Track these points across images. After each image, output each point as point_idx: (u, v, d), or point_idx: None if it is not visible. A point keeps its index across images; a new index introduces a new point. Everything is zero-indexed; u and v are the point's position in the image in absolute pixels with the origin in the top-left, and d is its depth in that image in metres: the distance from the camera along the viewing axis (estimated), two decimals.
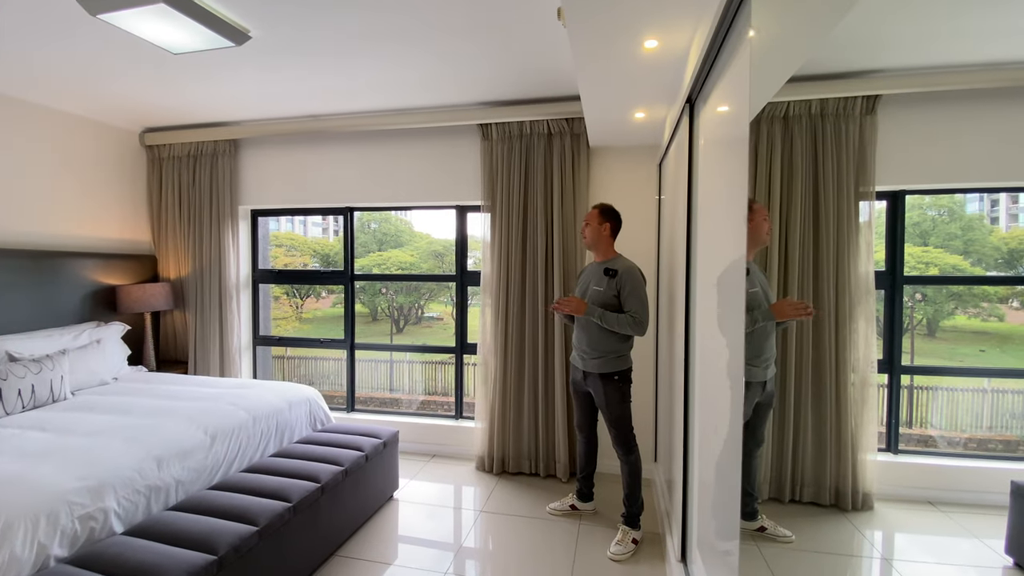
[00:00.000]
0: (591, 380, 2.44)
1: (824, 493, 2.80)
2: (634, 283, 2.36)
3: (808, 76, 2.70)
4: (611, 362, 2.39)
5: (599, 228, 2.45)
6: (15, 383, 2.41)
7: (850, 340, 2.77)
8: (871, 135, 2.76)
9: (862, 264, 2.76)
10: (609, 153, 3.19)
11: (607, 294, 2.38)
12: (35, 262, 3.11)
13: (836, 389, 2.79)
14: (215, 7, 2.07)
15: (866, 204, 2.77)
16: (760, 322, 2.05)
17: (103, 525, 1.73)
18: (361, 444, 2.59)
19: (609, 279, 2.38)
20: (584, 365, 2.45)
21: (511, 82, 2.82)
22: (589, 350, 2.42)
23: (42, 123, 3.23)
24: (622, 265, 2.41)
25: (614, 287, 2.37)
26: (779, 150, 2.75)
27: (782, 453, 2.82)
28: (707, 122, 1.78)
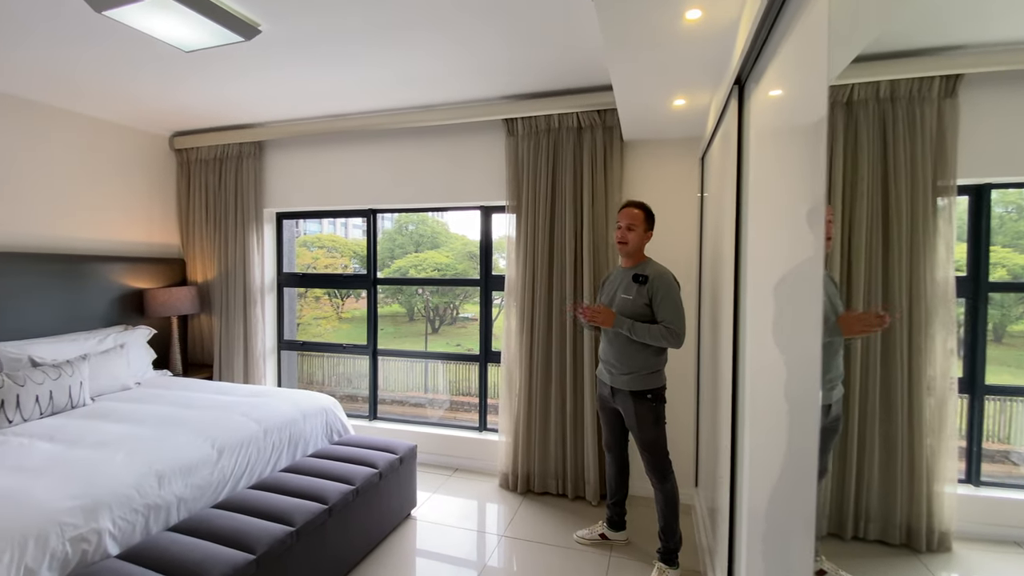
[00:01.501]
0: (620, 398, 2.21)
1: (893, 530, 2.44)
2: (668, 289, 2.12)
3: (876, 55, 2.36)
4: (643, 379, 2.15)
5: (644, 234, 2.20)
6: (33, 389, 2.38)
7: (925, 355, 2.41)
8: (951, 121, 2.40)
9: (940, 268, 2.40)
10: (645, 147, 2.93)
11: (637, 303, 2.14)
12: (65, 266, 3.13)
13: (908, 411, 2.43)
14: (223, 0, 1.95)
15: (945, 200, 2.41)
16: (825, 337, 1.75)
17: (96, 547, 1.63)
18: (376, 460, 2.44)
19: (639, 286, 2.15)
20: (612, 381, 2.22)
21: (537, 72, 2.61)
22: (618, 364, 2.19)
23: (74, 128, 3.26)
24: (654, 270, 2.17)
25: (645, 294, 2.13)
26: (841, 140, 2.42)
27: (844, 483, 2.49)
28: (761, 106, 1.52)
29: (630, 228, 2.17)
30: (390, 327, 6.70)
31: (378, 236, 3.73)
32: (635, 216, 2.18)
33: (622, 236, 2.18)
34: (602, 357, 2.30)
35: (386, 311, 6.65)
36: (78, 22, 2.10)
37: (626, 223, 2.18)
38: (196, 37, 2.18)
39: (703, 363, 2.65)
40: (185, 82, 2.79)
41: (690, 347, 2.87)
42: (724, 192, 1.93)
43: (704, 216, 2.73)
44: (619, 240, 2.19)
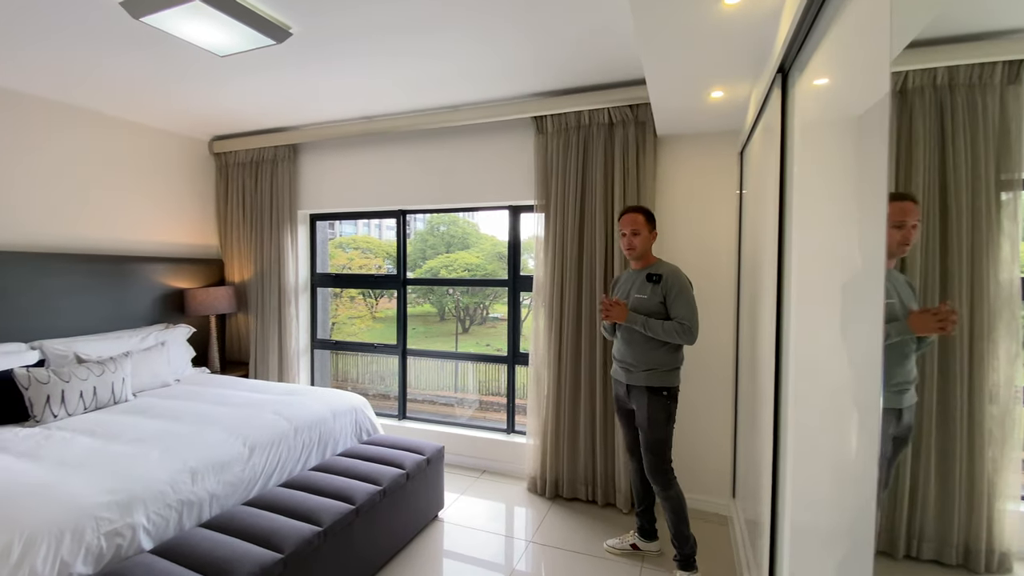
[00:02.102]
0: (635, 395, 2.20)
1: (949, 550, 2.26)
2: (681, 287, 2.14)
3: (932, 39, 2.20)
4: (661, 376, 2.15)
5: (648, 236, 2.21)
6: (77, 385, 2.48)
7: (988, 362, 2.22)
8: (1015, 110, 2.20)
9: (1004, 269, 2.20)
10: (680, 142, 2.83)
11: (652, 301, 2.15)
12: (111, 266, 3.26)
13: (968, 422, 2.25)
14: (252, 2, 1.98)
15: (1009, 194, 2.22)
16: (893, 337, 1.62)
17: (131, 542, 1.67)
18: (403, 461, 2.43)
19: (654, 285, 2.16)
20: (628, 378, 2.22)
21: (567, 68, 2.55)
22: (635, 362, 2.19)
23: (119, 134, 3.39)
24: (666, 269, 2.19)
25: (659, 293, 2.15)
26: (894, 131, 2.26)
27: (896, 498, 2.31)
28: (806, 96, 1.42)
29: (635, 233, 2.19)
30: (421, 327, 6.75)
31: (408, 237, 3.73)
32: (637, 221, 2.19)
33: (629, 243, 2.21)
34: (617, 356, 2.29)
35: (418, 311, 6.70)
36: (121, 31, 2.17)
37: (630, 229, 2.20)
38: (230, 41, 2.22)
39: (742, 367, 2.54)
40: (222, 87, 2.86)
41: (727, 350, 2.75)
42: (765, 188, 1.82)
43: (743, 213, 2.61)
44: (627, 248, 2.22)
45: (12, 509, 1.54)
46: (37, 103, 2.96)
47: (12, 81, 2.75)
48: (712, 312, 2.77)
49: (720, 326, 2.76)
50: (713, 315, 2.77)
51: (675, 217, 2.84)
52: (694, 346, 2.78)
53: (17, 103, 2.87)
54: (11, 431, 2.20)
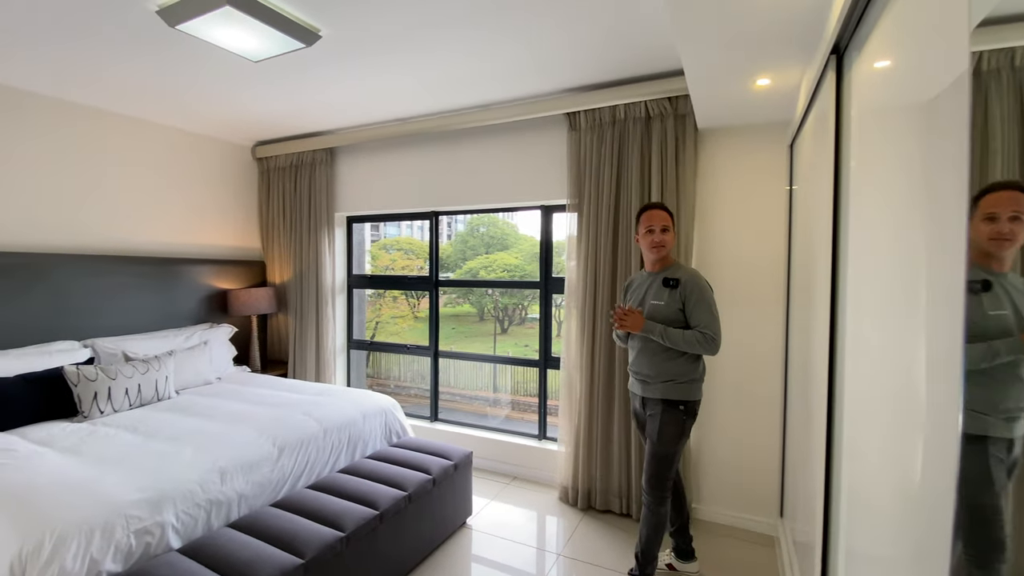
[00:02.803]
0: (650, 407, 2.07)
1: None
2: (701, 292, 1.99)
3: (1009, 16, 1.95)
4: (679, 388, 2.01)
5: (675, 235, 2.13)
6: (123, 382, 2.58)
7: None
8: None
9: None
10: (722, 135, 2.65)
11: (670, 308, 2.02)
12: (159, 268, 3.40)
13: None
14: (281, 6, 1.98)
15: None
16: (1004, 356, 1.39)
17: (159, 540, 1.69)
18: (430, 466, 2.39)
19: (671, 290, 2.02)
20: (644, 391, 2.08)
21: (601, 61, 2.44)
22: (652, 374, 2.05)
23: (167, 141, 3.54)
24: (685, 273, 2.05)
25: (677, 299, 2.01)
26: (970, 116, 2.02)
27: None
28: (865, 79, 1.26)
29: (665, 230, 2.06)
30: (462, 326, 6.79)
31: (449, 238, 3.71)
32: (667, 218, 2.07)
33: (660, 240, 2.05)
34: (633, 368, 2.15)
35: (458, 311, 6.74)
36: (161, 40, 2.23)
37: (660, 225, 2.05)
38: (261, 46, 2.24)
39: (791, 378, 2.34)
40: (259, 93, 2.92)
41: (775, 360, 2.55)
42: (819, 183, 1.65)
43: (793, 211, 2.42)
44: (657, 245, 2.06)
45: (46, 506, 1.58)
46: (90, 112, 3.12)
47: (65, 92, 2.90)
48: (759, 319, 2.58)
49: (767, 334, 2.56)
50: (760, 322, 2.58)
51: (718, 216, 2.67)
52: (739, 355, 2.61)
53: (69, 112, 3.03)
54: (59, 426, 2.30)
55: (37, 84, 2.76)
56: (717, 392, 2.67)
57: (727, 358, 2.62)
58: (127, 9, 1.99)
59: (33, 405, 2.35)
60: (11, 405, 2.26)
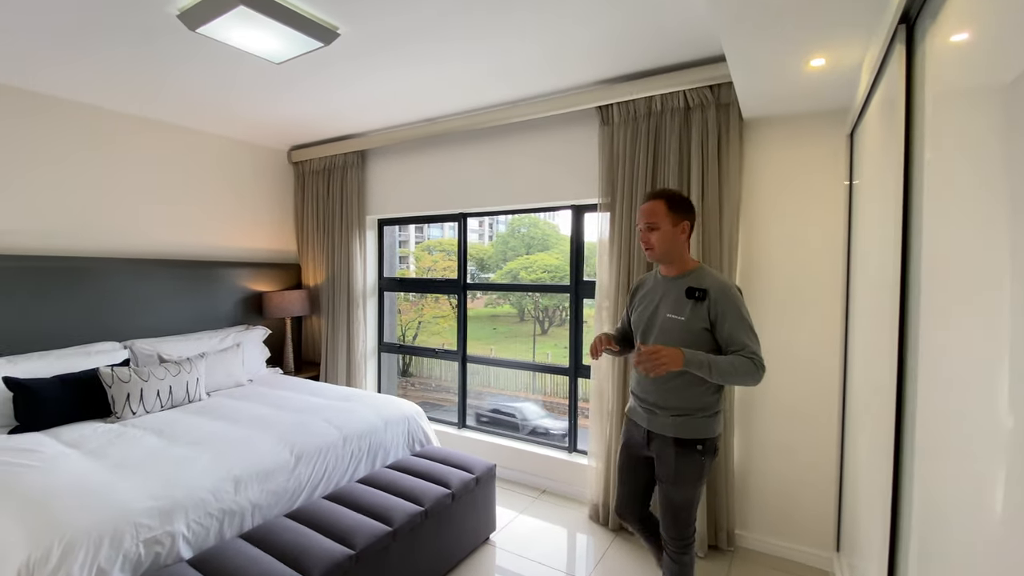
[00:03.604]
0: (658, 444, 1.68)
1: None
2: (738, 308, 1.59)
3: None
4: (697, 424, 1.63)
5: (673, 230, 1.64)
6: (155, 384, 2.62)
7: None
8: None
9: None
10: (771, 126, 2.41)
11: (693, 326, 1.60)
12: (197, 271, 3.48)
13: None
14: (296, 4, 1.93)
15: None
16: None
17: (169, 550, 1.67)
18: (450, 479, 2.28)
19: (695, 303, 1.61)
20: (651, 423, 1.70)
21: (635, 49, 2.26)
22: (663, 404, 1.66)
23: (205, 147, 3.62)
24: (713, 281, 1.62)
25: (703, 315, 1.59)
26: None
27: None
28: (943, 53, 1.04)
29: (650, 228, 1.65)
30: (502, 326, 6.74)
31: (482, 239, 3.62)
32: (655, 211, 1.64)
33: (645, 240, 1.68)
34: (636, 392, 1.77)
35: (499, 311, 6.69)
36: (185, 45, 2.24)
37: (645, 222, 1.66)
38: (281, 47, 2.21)
39: (852, 394, 2.08)
40: (288, 96, 2.91)
41: (831, 376, 2.29)
42: (885, 177, 1.43)
43: (854, 208, 2.15)
44: (644, 247, 1.70)
45: (58, 511, 1.58)
46: (131, 120, 3.22)
47: (106, 100, 3.00)
48: (812, 328, 2.32)
49: (823, 345, 2.30)
50: (814, 332, 2.32)
51: (766, 215, 2.43)
52: (791, 368, 2.36)
53: (111, 121, 3.14)
54: (91, 427, 2.36)
55: (79, 93, 2.86)
56: (766, 407, 2.43)
57: (777, 371, 2.38)
58: (151, 15, 2.00)
59: (69, 406, 2.41)
60: (46, 406, 2.33)
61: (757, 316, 2.42)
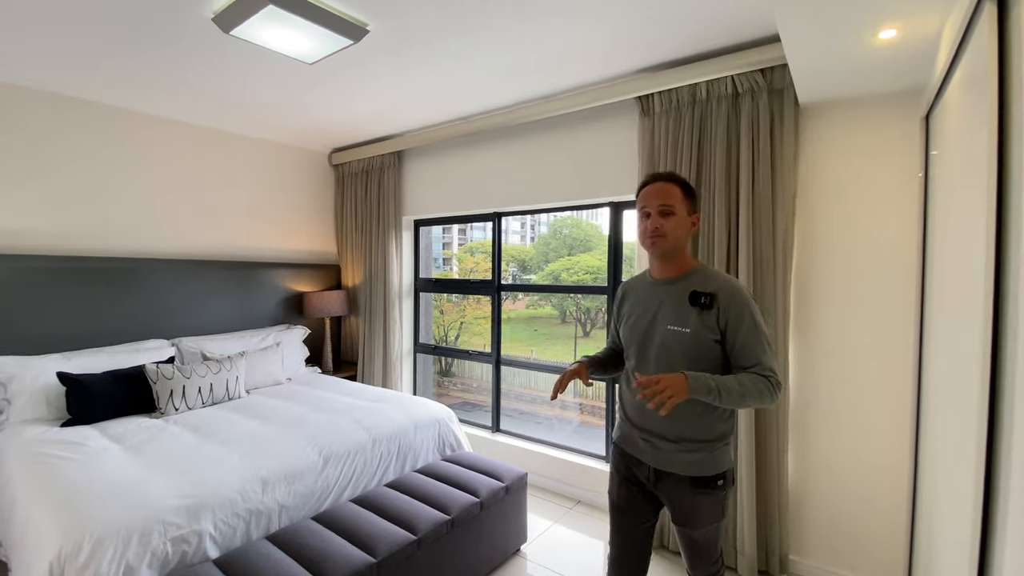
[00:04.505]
0: (670, 486, 1.43)
1: None
2: (752, 315, 1.34)
3: None
4: (718, 457, 1.40)
5: (688, 222, 1.41)
6: (197, 381, 2.69)
7: None
8: None
9: None
10: (831, 110, 2.18)
11: (701, 339, 1.34)
12: (242, 271, 3.58)
13: None
14: (323, 1, 1.91)
15: None
16: None
17: (196, 549, 1.67)
18: (479, 487, 2.20)
19: (701, 311, 1.35)
20: (657, 459, 1.43)
21: (677, 33, 2.11)
22: (671, 437, 1.40)
23: (251, 152, 3.73)
24: (722, 283, 1.37)
25: (713, 323, 1.33)
26: None
27: None
28: None
29: (665, 212, 1.37)
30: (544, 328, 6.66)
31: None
32: (671, 193, 1.38)
33: (656, 227, 1.37)
34: (632, 418, 1.50)
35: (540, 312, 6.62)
36: (233, 53, 2.28)
37: (658, 204, 1.37)
38: (312, 46, 2.20)
39: (928, 406, 1.84)
40: (323, 98, 2.93)
41: (904, 388, 2.04)
42: (972, 166, 1.22)
43: (930, 200, 1.91)
44: (652, 234, 1.38)
45: (92, 506, 1.61)
46: (177, 127, 3.34)
47: (154, 107, 3.12)
48: (880, 333, 2.08)
49: (892, 351, 2.06)
50: (881, 337, 2.08)
51: (825, 210, 2.20)
52: (855, 374, 2.13)
53: (159, 128, 3.26)
54: (136, 421, 2.44)
55: (126, 100, 2.98)
56: (825, 419, 2.21)
57: (838, 380, 2.16)
58: (187, 19, 2.04)
59: (117, 401, 2.51)
60: (96, 401, 2.43)
61: (814, 321, 2.21)
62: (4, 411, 2.33)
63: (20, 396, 2.36)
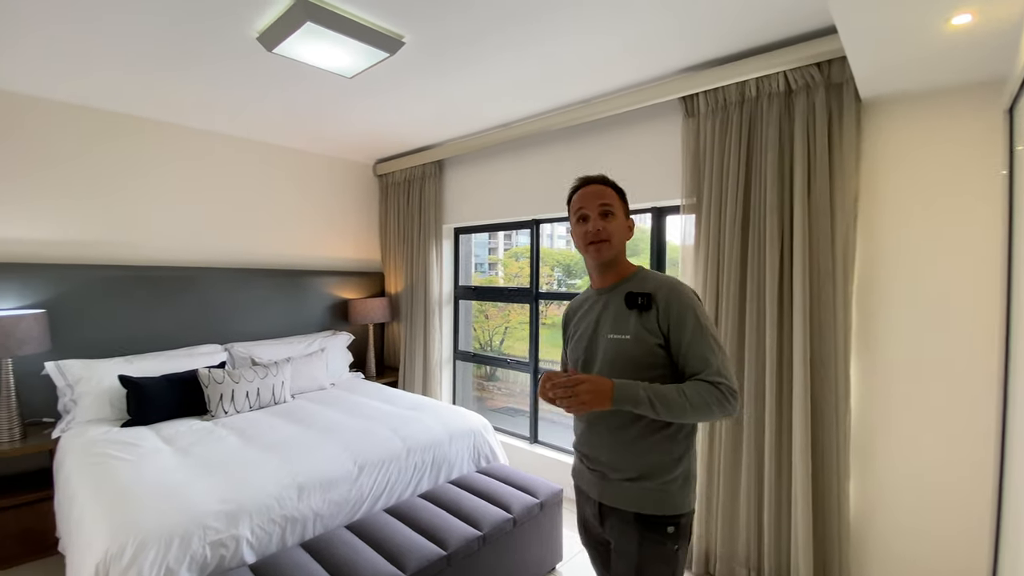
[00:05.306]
0: (615, 525, 1.24)
1: None
2: (694, 310, 1.19)
3: None
4: (669, 494, 1.19)
5: (625, 223, 1.31)
6: (245, 386, 2.80)
7: None
8: None
9: None
10: (898, 105, 1.99)
11: (642, 344, 1.19)
12: (291, 279, 3.71)
13: None
14: (358, 15, 1.94)
15: None
16: None
17: (234, 554, 1.71)
18: (512, 502, 2.15)
19: (640, 314, 1.21)
20: (603, 492, 1.26)
21: (725, 28, 1.99)
22: (616, 464, 1.23)
23: (300, 164, 3.87)
24: (656, 283, 1.24)
25: (653, 326, 1.19)
26: None
27: None
28: None
29: (606, 214, 1.26)
30: None
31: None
32: (608, 194, 1.28)
33: (599, 229, 1.25)
34: (581, 447, 1.34)
35: None
36: (280, 71, 2.36)
37: (598, 204, 1.26)
38: (350, 60, 2.24)
39: (1012, 436, 1.63)
40: (365, 111, 2.99)
41: (986, 402, 1.82)
42: None
43: (1016, 199, 1.69)
44: (593, 239, 1.26)
45: (137, 510, 1.68)
46: (232, 141, 3.51)
47: (208, 123, 3.29)
48: (957, 350, 1.87)
49: (971, 371, 1.84)
50: (958, 354, 1.87)
51: (891, 214, 2.01)
52: (930, 392, 1.93)
53: (216, 142, 3.44)
54: (188, 423, 2.55)
55: (183, 117, 3.15)
56: (892, 437, 2.01)
57: (907, 396, 1.95)
58: (235, 39, 2.12)
59: (173, 403, 2.64)
60: (153, 403, 2.57)
61: (879, 336, 2.02)
62: (71, 411, 2.50)
63: (86, 397, 2.53)
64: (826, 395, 2.05)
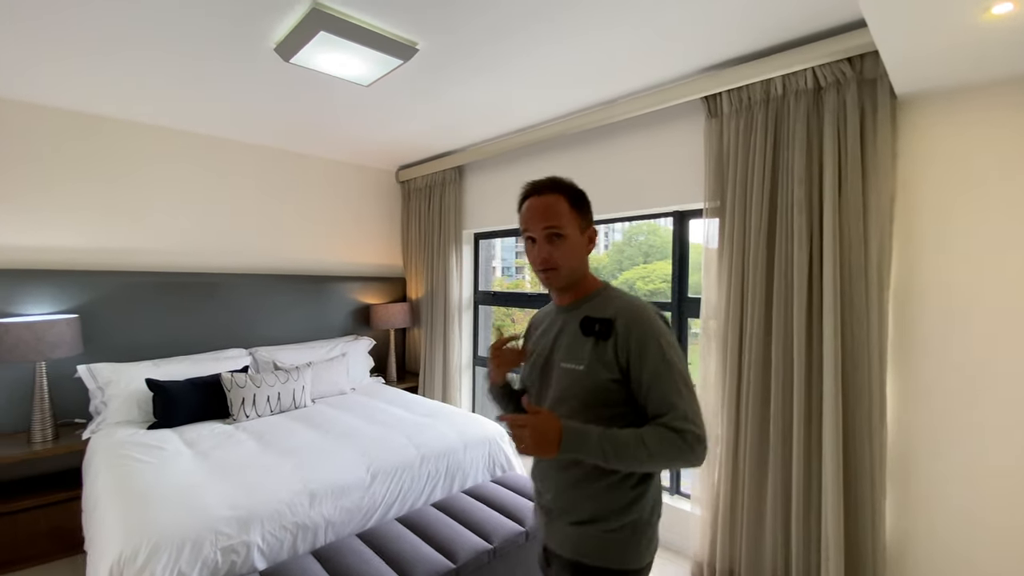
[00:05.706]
0: (557, 572, 1.14)
1: None
2: (659, 342, 1.03)
3: None
4: (614, 543, 1.05)
5: (581, 239, 1.14)
6: (266, 390, 2.84)
7: None
8: None
9: None
10: (937, 100, 1.86)
11: (596, 376, 1.05)
12: (313, 285, 3.77)
13: None
14: (371, 23, 1.94)
15: None
16: None
17: (244, 560, 1.72)
18: (525, 514, 2.10)
19: (596, 342, 1.06)
20: (548, 534, 1.15)
21: (749, 24, 1.91)
22: (562, 506, 1.11)
23: (322, 171, 3.93)
24: (620, 306, 1.08)
25: (610, 358, 1.04)
26: None
27: None
28: None
29: (553, 235, 1.10)
30: None
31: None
32: (555, 210, 1.11)
33: (544, 258, 1.11)
34: (533, 479, 1.21)
35: None
36: (300, 82, 2.40)
37: (542, 228, 1.11)
38: (365, 69, 2.25)
39: None
40: (384, 118, 3.01)
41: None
42: None
43: None
44: (542, 266, 1.12)
45: (151, 513, 1.71)
46: (256, 150, 3.59)
47: (229, 133, 3.37)
48: (1007, 365, 1.73)
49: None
50: (1009, 370, 1.72)
51: (931, 217, 1.88)
52: (968, 420, 1.79)
53: (238, 151, 3.52)
54: (210, 427, 2.60)
55: (208, 127, 3.25)
56: (937, 463, 1.87)
57: (950, 414, 1.81)
58: (253, 52, 2.16)
59: (197, 406, 2.70)
60: (177, 406, 2.63)
61: (919, 348, 1.88)
62: (101, 413, 2.59)
63: (115, 400, 2.62)
64: (860, 408, 1.92)
